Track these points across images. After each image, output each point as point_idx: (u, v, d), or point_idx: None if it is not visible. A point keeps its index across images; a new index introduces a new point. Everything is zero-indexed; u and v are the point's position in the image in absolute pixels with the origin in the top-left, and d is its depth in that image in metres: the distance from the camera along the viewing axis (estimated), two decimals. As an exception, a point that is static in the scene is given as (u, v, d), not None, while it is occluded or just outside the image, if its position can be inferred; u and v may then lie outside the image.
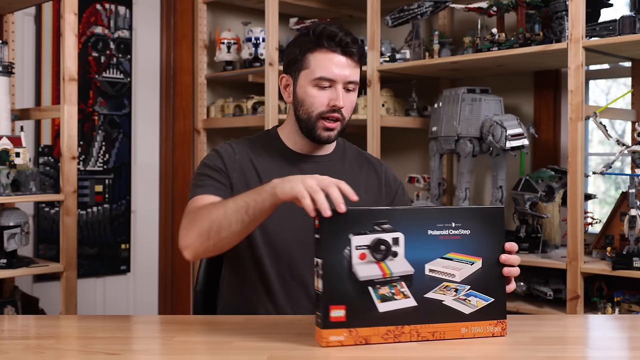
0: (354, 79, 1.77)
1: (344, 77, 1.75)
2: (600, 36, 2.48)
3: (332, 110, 1.76)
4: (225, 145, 1.85)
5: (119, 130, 3.55)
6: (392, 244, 1.41)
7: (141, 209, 3.65)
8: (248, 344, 1.47)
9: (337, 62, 1.75)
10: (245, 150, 1.84)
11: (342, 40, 1.74)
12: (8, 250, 2.53)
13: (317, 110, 1.76)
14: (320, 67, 1.75)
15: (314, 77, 1.75)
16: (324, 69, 1.75)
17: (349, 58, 1.76)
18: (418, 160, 3.61)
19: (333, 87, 1.76)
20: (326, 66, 1.74)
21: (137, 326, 1.74)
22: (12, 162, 2.51)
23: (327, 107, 1.76)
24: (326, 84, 1.75)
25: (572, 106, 2.50)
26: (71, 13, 2.58)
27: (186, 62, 3.65)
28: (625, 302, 2.55)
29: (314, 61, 1.76)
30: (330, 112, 1.76)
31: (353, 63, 1.77)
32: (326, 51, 1.75)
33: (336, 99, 1.75)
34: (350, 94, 1.79)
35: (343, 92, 1.76)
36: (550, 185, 2.79)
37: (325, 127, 1.78)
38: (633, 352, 1.52)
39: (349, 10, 3.68)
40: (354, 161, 1.93)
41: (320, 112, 1.76)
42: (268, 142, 1.88)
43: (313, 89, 1.76)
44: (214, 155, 1.83)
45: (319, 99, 1.76)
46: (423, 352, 1.42)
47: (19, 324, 1.80)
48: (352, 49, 1.75)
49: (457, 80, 3.43)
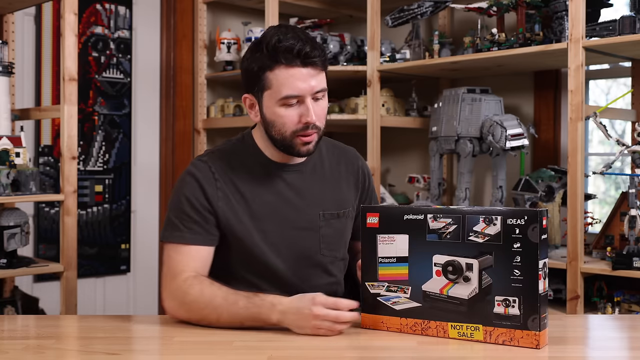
0: (321, 87, 1.66)
1: (311, 89, 1.64)
2: (600, 36, 2.48)
3: (306, 126, 1.66)
4: (203, 168, 1.73)
5: (119, 130, 3.54)
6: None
7: (141, 209, 3.65)
8: (248, 344, 1.47)
9: (299, 76, 1.63)
10: (223, 170, 1.74)
11: (301, 52, 1.61)
12: (8, 250, 2.53)
13: (290, 130, 1.67)
14: (283, 86, 1.63)
15: (279, 97, 1.64)
16: (288, 87, 1.63)
17: (311, 68, 1.64)
18: (418, 160, 3.61)
19: (301, 103, 1.65)
20: (289, 83, 1.63)
21: (137, 326, 1.74)
22: (12, 162, 2.51)
23: (300, 125, 1.66)
24: (293, 101, 1.65)
25: (572, 106, 2.50)
26: (71, 13, 2.58)
27: (186, 62, 3.65)
28: (625, 302, 2.55)
29: (276, 80, 1.64)
30: (304, 129, 1.66)
31: (316, 71, 1.65)
32: (285, 67, 1.62)
33: (307, 114, 1.65)
34: (320, 102, 1.68)
35: (313, 103, 1.66)
36: (550, 185, 2.79)
37: (303, 143, 1.68)
38: (633, 352, 1.52)
39: (349, 10, 3.68)
40: (331, 157, 1.86)
41: (293, 131, 1.67)
42: (245, 152, 1.78)
43: (281, 109, 1.66)
44: (194, 186, 1.71)
45: (289, 118, 1.66)
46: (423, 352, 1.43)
47: (19, 324, 1.80)
48: (313, 59, 1.63)
49: (457, 80, 3.43)
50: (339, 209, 1.82)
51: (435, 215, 1.50)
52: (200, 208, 1.70)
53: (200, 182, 1.71)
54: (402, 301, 1.53)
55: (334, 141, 1.92)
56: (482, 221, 1.45)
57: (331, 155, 1.87)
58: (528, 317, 1.41)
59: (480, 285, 1.45)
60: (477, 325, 1.46)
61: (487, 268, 1.44)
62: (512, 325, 1.42)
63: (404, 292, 1.53)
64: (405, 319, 1.53)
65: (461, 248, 1.47)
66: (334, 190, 1.82)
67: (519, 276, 1.41)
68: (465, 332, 1.47)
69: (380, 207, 1.59)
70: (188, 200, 1.71)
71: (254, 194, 1.74)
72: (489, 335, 1.45)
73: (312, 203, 1.78)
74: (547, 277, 1.44)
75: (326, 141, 1.89)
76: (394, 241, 1.54)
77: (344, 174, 1.86)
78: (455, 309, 1.47)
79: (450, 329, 1.48)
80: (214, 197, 1.71)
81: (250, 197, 1.74)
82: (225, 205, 1.71)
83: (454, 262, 1.48)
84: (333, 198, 1.81)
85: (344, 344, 1.49)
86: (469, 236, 1.46)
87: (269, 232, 1.74)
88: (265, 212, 1.74)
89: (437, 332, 1.50)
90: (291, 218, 1.76)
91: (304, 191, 1.78)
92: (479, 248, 1.45)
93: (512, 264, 1.42)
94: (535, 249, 1.40)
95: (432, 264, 1.50)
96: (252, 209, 1.73)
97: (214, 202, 1.71)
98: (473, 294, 1.46)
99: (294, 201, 1.77)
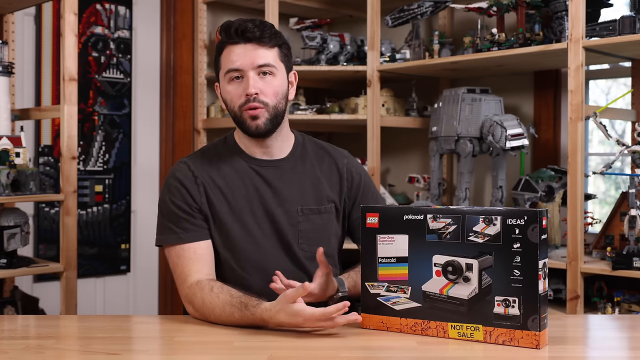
0: (263, 62, 1.73)
1: (250, 63, 1.72)
2: (600, 36, 2.48)
3: (247, 100, 1.73)
4: (183, 169, 1.80)
5: (119, 130, 3.55)
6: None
7: (141, 209, 3.65)
8: (248, 344, 1.47)
9: (238, 52, 1.72)
10: (202, 167, 1.81)
11: (240, 28, 1.72)
12: (8, 250, 2.53)
13: (237, 104, 1.75)
14: (226, 61, 1.74)
15: (224, 73, 1.75)
16: (229, 62, 1.73)
17: (254, 43, 1.72)
18: (418, 160, 3.61)
19: (244, 77, 1.73)
20: (230, 58, 1.73)
21: (137, 326, 1.75)
22: (12, 162, 2.51)
23: (243, 98, 1.73)
24: (236, 74, 1.73)
25: (572, 106, 2.50)
26: (71, 13, 2.58)
27: (186, 62, 3.65)
28: (625, 302, 2.55)
29: (223, 58, 1.76)
30: (247, 102, 1.73)
31: (260, 46, 1.73)
32: (230, 46, 1.74)
33: (246, 87, 1.72)
34: (268, 78, 1.74)
35: (256, 78, 1.72)
36: (550, 185, 2.79)
37: (250, 117, 1.74)
38: (633, 352, 1.52)
39: (349, 10, 3.68)
40: (314, 157, 1.89)
41: (239, 105, 1.74)
42: (226, 150, 1.85)
43: (228, 86, 1.75)
44: (177, 187, 1.78)
45: (234, 92, 1.74)
46: (423, 352, 1.43)
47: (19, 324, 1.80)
48: (253, 34, 1.72)
49: (457, 80, 3.43)
50: (319, 204, 1.84)
51: (435, 215, 1.50)
52: (186, 207, 1.77)
53: (182, 182, 1.79)
54: (402, 301, 1.53)
55: (324, 144, 1.95)
56: (482, 221, 1.45)
57: (315, 155, 1.90)
58: (528, 317, 1.41)
59: (480, 285, 1.45)
60: (477, 325, 1.46)
61: (487, 268, 1.45)
62: (512, 325, 1.42)
63: (403, 293, 1.53)
64: (405, 319, 1.53)
65: (461, 248, 1.47)
66: (314, 186, 1.85)
67: (518, 276, 1.41)
68: (465, 332, 1.47)
69: (380, 207, 1.59)
70: (173, 202, 1.78)
71: (233, 189, 1.79)
72: (489, 335, 1.45)
73: (289, 198, 1.81)
74: (547, 277, 1.44)
75: (314, 141, 1.93)
76: (393, 241, 1.55)
77: (327, 172, 1.88)
78: (455, 309, 1.48)
79: (450, 329, 1.48)
80: (196, 194, 1.78)
81: (229, 191, 1.79)
82: (206, 200, 1.78)
83: (454, 262, 1.48)
84: (313, 195, 1.84)
85: (344, 344, 1.50)
86: (469, 236, 1.46)
87: (247, 225, 1.78)
88: (243, 205, 1.79)
89: (437, 332, 1.50)
90: (269, 212, 1.79)
91: (282, 187, 1.81)
92: (479, 248, 1.45)
93: (512, 264, 1.42)
94: (535, 249, 1.40)
95: (432, 264, 1.50)
96: (231, 203, 1.78)
97: (197, 199, 1.78)
98: (473, 294, 1.46)
99: (271, 196, 1.80)
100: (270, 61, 1.74)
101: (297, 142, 1.89)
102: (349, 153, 1.96)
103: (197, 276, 1.73)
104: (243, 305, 1.59)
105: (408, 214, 1.53)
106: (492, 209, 1.48)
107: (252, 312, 1.57)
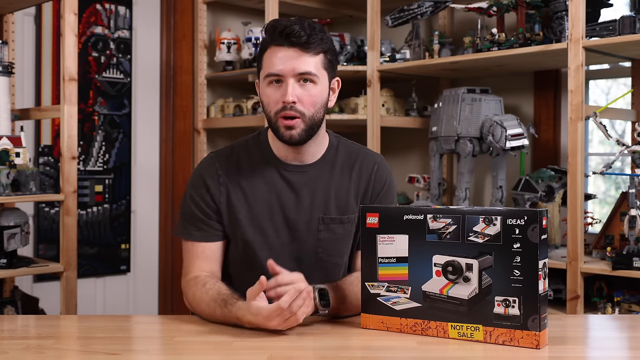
0: (305, 70, 1.65)
1: (291, 69, 1.65)
2: (600, 36, 2.48)
3: (284, 107, 1.66)
4: (209, 166, 1.79)
5: (119, 130, 3.55)
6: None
7: (141, 209, 3.65)
8: (248, 344, 1.47)
9: (282, 56, 1.65)
10: (228, 166, 1.78)
11: (286, 31, 1.64)
12: (8, 250, 2.53)
13: (273, 109, 1.68)
14: (268, 64, 1.68)
15: (264, 75, 1.69)
16: (271, 65, 1.66)
17: (298, 48, 1.65)
18: (418, 160, 3.61)
19: (284, 83, 1.66)
20: (272, 62, 1.66)
21: (137, 326, 1.75)
22: (12, 162, 2.51)
23: (280, 105, 1.67)
24: (275, 79, 1.67)
25: (572, 106, 2.50)
26: (71, 13, 2.58)
27: (186, 62, 3.65)
28: (625, 302, 2.55)
29: (265, 60, 1.69)
30: (283, 109, 1.67)
31: (304, 53, 1.65)
32: (274, 47, 1.67)
33: (285, 94, 1.65)
34: (309, 85, 1.67)
35: (296, 85, 1.66)
36: (550, 185, 2.79)
37: (285, 126, 1.68)
38: (633, 352, 1.52)
39: (349, 10, 3.68)
40: (346, 162, 1.82)
41: (276, 111, 1.68)
42: (256, 148, 1.80)
43: (267, 88, 1.69)
44: (199, 184, 1.78)
45: (272, 97, 1.68)
46: (423, 352, 1.42)
47: (19, 324, 1.80)
48: (298, 39, 1.64)
49: (457, 80, 3.43)
50: (342, 214, 1.79)
51: (435, 215, 1.50)
52: (204, 206, 1.77)
53: (204, 180, 1.78)
54: (402, 301, 1.53)
55: (358, 147, 1.87)
56: (482, 221, 1.45)
57: (347, 160, 1.82)
58: (528, 317, 1.41)
59: (480, 285, 1.45)
60: (477, 325, 1.46)
61: (487, 268, 1.44)
62: (512, 325, 1.42)
63: (404, 293, 1.53)
64: (405, 319, 1.53)
65: (461, 248, 1.47)
66: (339, 195, 1.79)
67: (518, 276, 1.41)
68: (465, 332, 1.47)
69: (380, 207, 1.59)
70: (193, 198, 1.78)
71: (255, 192, 1.76)
72: (489, 335, 1.45)
73: (312, 205, 1.77)
74: (547, 277, 1.44)
75: (348, 145, 1.86)
76: (393, 241, 1.54)
77: (356, 180, 1.81)
78: (455, 309, 1.47)
79: (450, 329, 1.48)
80: (216, 194, 1.76)
81: (251, 194, 1.76)
82: (226, 202, 1.76)
83: (454, 262, 1.48)
84: (337, 203, 1.79)
85: (344, 344, 1.50)
86: (469, 236, 1.46)
87: (265, 231, 1.76)
88: (263, 210, 1.76)
89: (437, 332, 1.50)
90: (289, 219, 1.76)
91: (305, 193, 1.77)
92: (479, 248, 1.45)
93: (512, 264, 1.42)
94: (535, 249, 1.40)
95: (432, 264, 1.50)
96: (251, 206, 1.76)
97: (216, 199, 1.76)
98: (473, 294, 1.46)
99: (293, 202, 1.77)
100: (312, 69, 1.66)
101: (330, 146, 1.82)
102: (382, 158, 1.88)
103: (197, 272, 1.75)
104: (224, 302, 1.60)
105: (408, 214, 1.53)
106: (492, 209, 1.48)
107: (229, 310, 1.58)
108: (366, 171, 1.82)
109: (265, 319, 1.49)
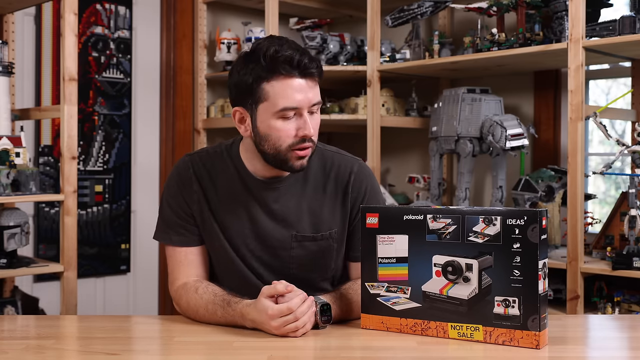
0: (317, 100, 1.62)
1: (308, 101, 1.60)
2: (600, 36, 2.48)
3: (302, 140, 1.61)
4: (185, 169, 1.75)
5: (119, 130, 3.55)
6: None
7: (141, 209, 3.65)
8: (248, 344, 1.47)
9: (297, 87, 1.58)
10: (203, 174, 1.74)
11: (300, 62, 1.57)
12: (8, 250, 2.53)
13: (286, 144, 1.61)
14: (281, 97, 1.58)
15: (277, 110, 1.59)
16: (286, 99, 1.58)
17: (309, 79, 1.60)
18: (418, 160, 3.61)
19: (298, 115, 1.61)
20: (287, 95, 1.57)
21: (137, 326, 1.75)
22: (12, 162, 2.51)
23: (297, 138, 1.61)
24: (291, 113, 1.59)
25: (572, 106, 2.50)
26: (71, 13, 2.58)
27: (186, 62, 3.65)
28: (625, 302, 2.55)
29: (273, 91, 1.58)
30: (300, 142, 1.61)
31: (313, 83, 1.61)
32: (284, 78, 1.58)
33: (304, 128, 1.60)
34: (315, 115, 1.64)
35: (309, 117, 1.61)
36: (550, 185, 2.79)
37: (298, 157, 1.63)
38: (633, 352, 1.52)
39: (349, 10, 3.68)
40: (319, 177, 1.75)
41: (289, 145, 1.61)
42: (229, 161, 1.74)
43: (277, 122, 1.60)
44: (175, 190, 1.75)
45: (286, 131, 1.60)
46: (423, 352, 1.43)
47: (19, 324, 1.80)
48: (311, 70, 1.59)
49: (457, 80, 3.43)
50: (316, 231, 1.73)
51: (435, 215, 1.50)
52: (180, 212, 1.75)
53: (179, 186, 1.75)
54: (402, 301, 1.53)
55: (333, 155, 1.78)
56: (482, 221, 1.45)
57: (321, 172, 1.76)
58: (528, 318, 1.41)
59: (480, 285, 1.45)
60: (477, 325, 1.46)
61: (486, 268, 1.45)
62: (512, 325, 1.42)
63: (403, 293, 1.53)
64: (405, 320, 1.53)
65: (461, 248, 1.47)
66: (313, 211, 1.73)
67: (518, 276, 1.41)
68: (465, 332, 1.47)
69: (380, 207, 1.59)
70: (170, 204, 1.77)
71: (225, 206, 1.73)
72: (489, 335, 1.45)
73: (283, 223, 1.72)
74: (547, 277, 1.44)
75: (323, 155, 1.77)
76: (393, 241, 1.55)
77: (331, 194, 1.75)
78: (455, 309, 1.48)
79: (450, 329, 1.48)
80: (190, 200, 1.75)
81: (222, 208, 1.73)
82: (198, 209, 1.75)
83: (454, 262, 1.48)
84: (311, 220, 1.73)
85: (344, 344, 1.50)
86: (469, 236, 1.46)
87: (236, 244, 1.73)
88: (234, 225, 1.73)
89: (437, 333, 1.50)
90: (260, 236, 1.73)
91: (277, 211, 1.72)
92: (479, 248, 1.45)
93: (512, 264, 1.42)
94: (535, 249, 1.40)
95: (431, 264, 1.50)
96: (221, 219, 1.73)
97: (190, 205, 1.75)
98: (473, 294, 1.46)
99: (264, 220, 1.72)
100: (320, 99, 1.63)
101: None
102: (360, 163, 1.79)
103: (184, 279, 1.74)
104: (225, 302, 1.60)
105: (408, 214, 1.53)
106: (492, 209, 1.48)
107: (232, 308, 1.58)
108: (341, 183, 1.75)
109: (269, 317, 1.49)
